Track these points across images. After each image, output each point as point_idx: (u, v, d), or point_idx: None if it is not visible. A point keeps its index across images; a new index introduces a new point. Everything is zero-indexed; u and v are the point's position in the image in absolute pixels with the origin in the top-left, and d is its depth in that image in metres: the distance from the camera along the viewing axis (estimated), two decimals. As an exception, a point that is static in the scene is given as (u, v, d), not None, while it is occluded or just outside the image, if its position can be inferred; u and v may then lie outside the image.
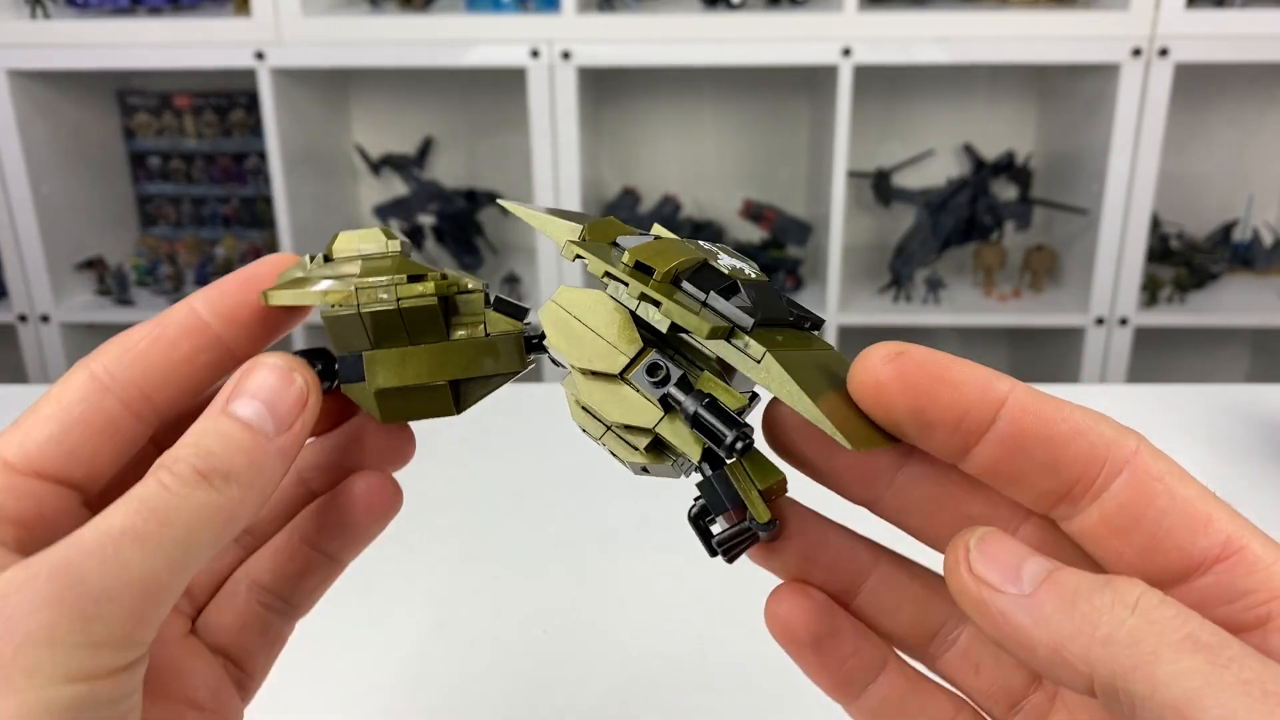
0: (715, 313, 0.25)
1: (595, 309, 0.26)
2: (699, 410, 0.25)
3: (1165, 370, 1.87)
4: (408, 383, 0.27)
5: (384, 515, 0.30)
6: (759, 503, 0.25)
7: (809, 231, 1.78)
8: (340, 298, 0.26)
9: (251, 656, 0.29)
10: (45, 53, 1.60)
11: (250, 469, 0.24)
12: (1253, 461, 0.69)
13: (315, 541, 0.29)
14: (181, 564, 0.22)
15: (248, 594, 0.29)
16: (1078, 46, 1.52)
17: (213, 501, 0.23)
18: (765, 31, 1.54)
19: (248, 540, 0.30)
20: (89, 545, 0.21)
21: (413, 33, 1.57)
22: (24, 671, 0.19)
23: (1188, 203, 1.83)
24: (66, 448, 0.24)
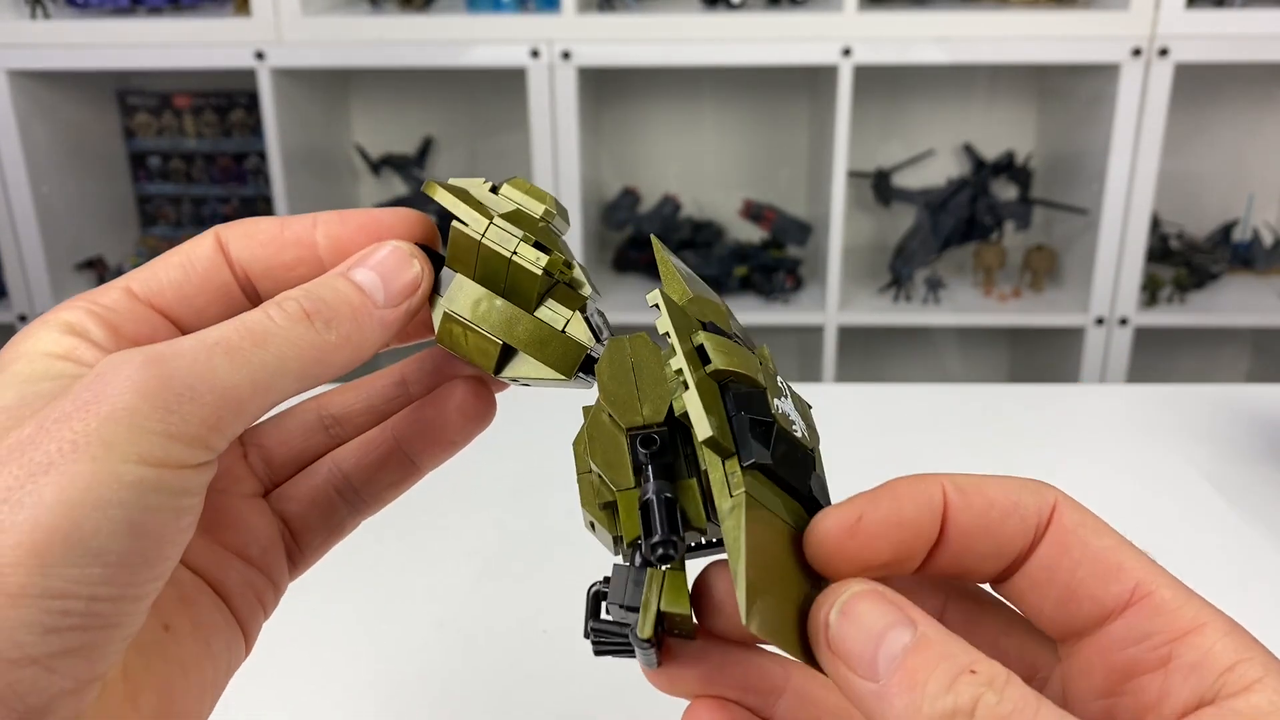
0: (732, 432, 0.24)
1: (652, 363, 0.27)
2: (652, 497, 0.25)
3: (1165, 370, 1.87)
4: (473, 322, 0.28)
5: (476, 422, 0.31)
6: (650, 619, 0.24)
7: (809, 231, 1.78)
8: (474, 220, 0.28)
9: (310, 534, 0.30)
10: (45, 53, 1.60)
11: (352, 323, 0.25)
12: (1253, 461, 0.69)
13: (405, 439, 0.30)
14: (265, 385, 0.23)
15: (327, 476, 0.30)
16: (1078, 46, 1.52)
17: (308, 338, 0.24)
18: (765, 31, 1.54)
19: (338, 431, 0.31)
20: (184, 347, 0.22)
21: (413, 33, 1.57)
22: (103, 443, 0.20)
23: (1188, 203, 1.83)
24: (184, 294, 0.26)
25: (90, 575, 0.20)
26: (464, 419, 0.30)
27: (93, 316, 0.25)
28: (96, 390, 0.21)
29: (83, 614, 0.20)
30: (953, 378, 1.95)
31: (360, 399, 0.31)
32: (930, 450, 0.71)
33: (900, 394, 0.81)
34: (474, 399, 0.30)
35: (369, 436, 0.31)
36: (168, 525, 0.21)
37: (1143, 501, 0.65)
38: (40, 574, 0.19)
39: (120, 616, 0.21)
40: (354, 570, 0.58)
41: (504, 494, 0.66)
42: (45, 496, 0.20)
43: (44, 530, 0.19)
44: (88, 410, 0.21)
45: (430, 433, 0.30)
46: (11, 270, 1.71)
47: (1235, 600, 0.57)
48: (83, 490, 0.20)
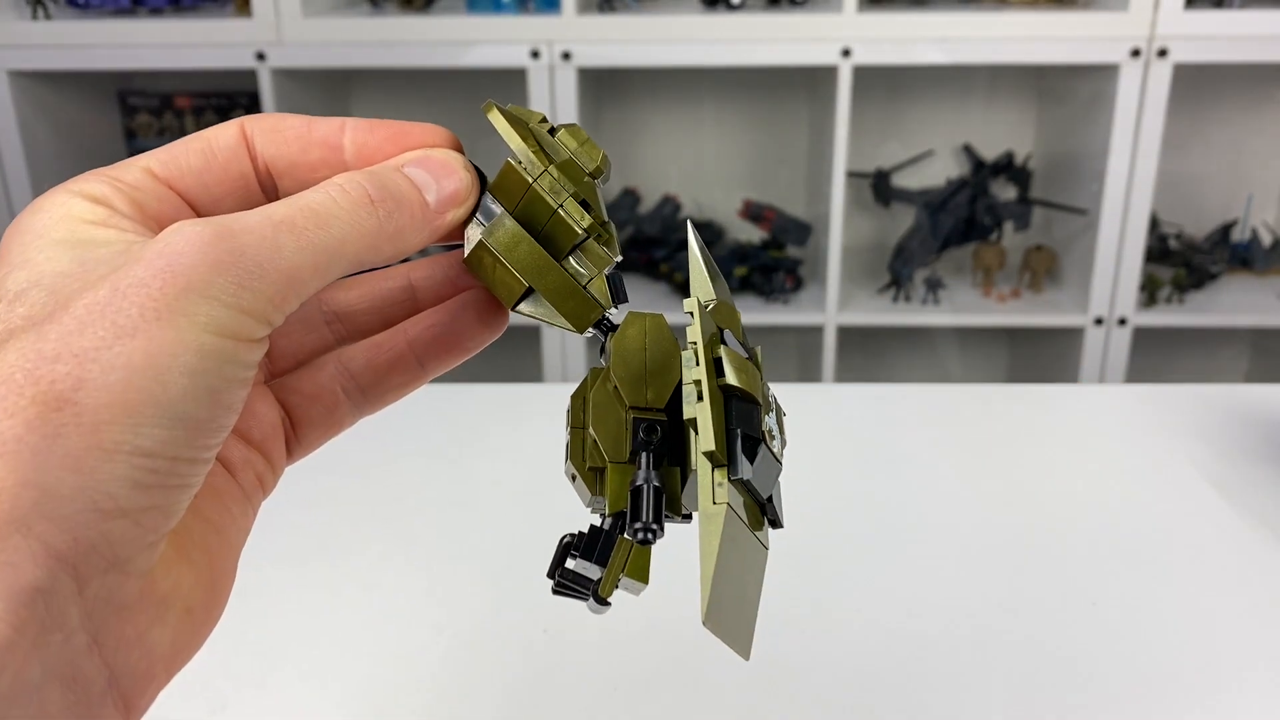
0: (728, 444, 0.26)
1: (664, 347, 0.29)
2: (645, 484, 0.27)
3: (1164, 370, 1.87)
4: (507, 260, 0.29)
5: (488, 333, 0.31)
6: (613, 583, 0.27)
7: (809, 231, 1.78)
8: (529, 161, 0.29)
9: (310, 426, 0.31)
10: (46, 53, 1.60)
11: (409, 217, 0.26)
12: (1253, 461, 0.69)
13: (419, 343, 0.31)
14: (324, 267, 0.24)
15: (333, 371, 0.31)
16: (1077, 47, 1.52)
17: (369, 223, 0.25)
18: (765, 32, 1.54)
19: (339, 328, 0.31)
20: (252, 223, 0.23)
21: (413, 33, 1.57)
22: (183, 313, 0.21)
23: (1186, 203, 1.83)
24: (204, 181, 0.27)
25: (174, 436, 0.21)
26: (482, 325, 0.31)
27: (116, 191, 0.25)
28: (171, 260, 0.22)
29: (166, 472, 0.21)
30: (952, 378, 1.95)
31: (365, 299, 0.31)
32: (930, 450, 0.71)
33: (900, 394, 0.81)
34: (491, 306, 0.31)
35: (380, 339, 0.31)
36: (235, 394, 0.23)
37: (1143, 501, 0.65)
38: (132, 432, 0.21)
39: (192, 477, 0.22)
40: (354, 571, 0.59)
41: (504, 495, 0.66)
42: (135, 359, 0.21)
43: (135, 391, 0.21)
44: (164, 280, 0.21)
45: (447, 339, 0.31)
46: (12, 271, 1.71)
47: (1235, 600, 0.58)
48: (170, 356, 0.21)
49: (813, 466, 0.68)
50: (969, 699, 0.49)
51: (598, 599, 0.28)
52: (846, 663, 0.51)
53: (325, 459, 0.35)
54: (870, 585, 0.57)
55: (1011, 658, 0.51)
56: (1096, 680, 0.50)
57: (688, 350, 0.27)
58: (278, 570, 0.58)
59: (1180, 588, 0.57)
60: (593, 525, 0.28)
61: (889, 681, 0.50)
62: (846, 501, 0.65)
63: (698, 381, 0.26)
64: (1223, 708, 0.48)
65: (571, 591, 0.28)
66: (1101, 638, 0.53)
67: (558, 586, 0.28)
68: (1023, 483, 0.67)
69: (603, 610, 0.28)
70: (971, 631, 0.53)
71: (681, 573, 0.58)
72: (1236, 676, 0.50)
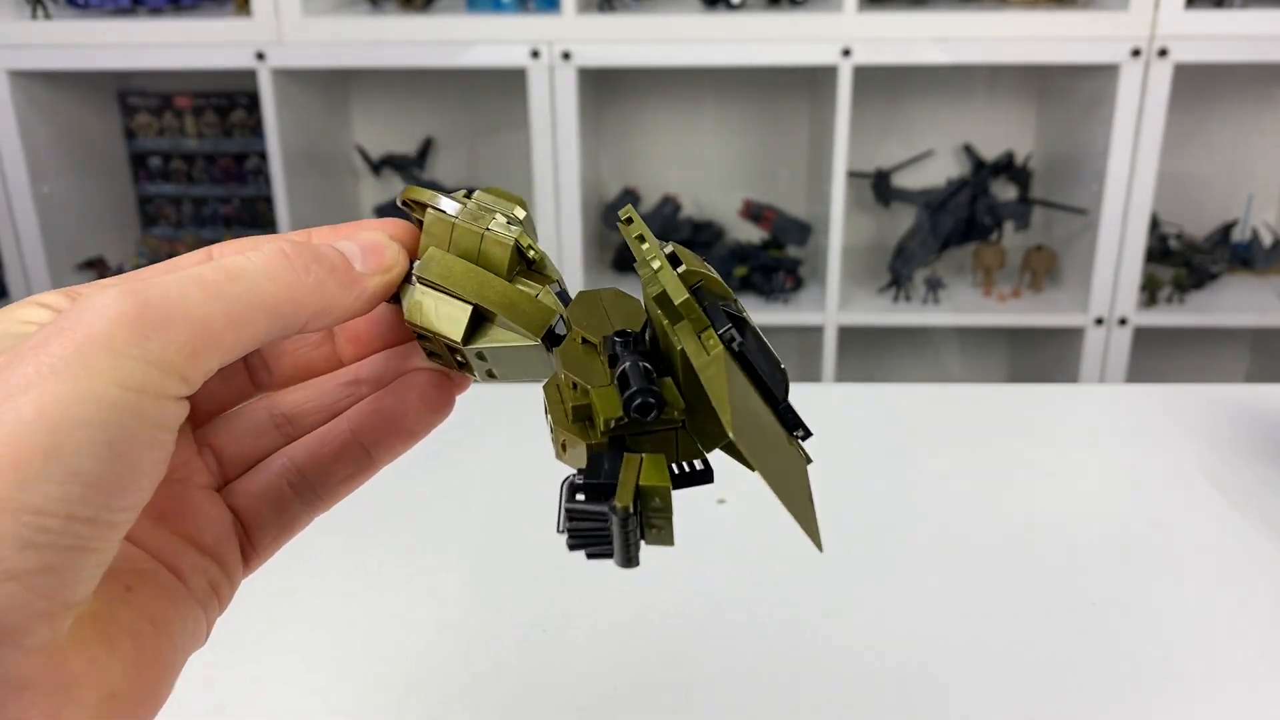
0: (707, 313, 0.26)
1: (626, 304, 0.29)
2: (627, 363, 0.26)
3: (1164, 370, 1.87)
4: (445, 285, 0.28)
5: (436, 411, 0.31)
6: (629, 488, 0.24)
7: (809, 231, 1.78)
8: (448, 203, 0.29)
9: (262, 529, 0.30)
10: (46, 53, 1.60)
11: (329, 272, 0.26)
12: (1253, 461, 0.69)
13: (363, 430, 0.31)
14: (238, 317, 0.23)
15: (281, 470, 0.30)
16: (1077, 47, 1.52)
17: (284, 275, 0.25)
18: (765, 32, 1.54)
19: (290, 430, 0.31)
20: (159, 279, 0.23)
21: (413, 33, 1.57)
22: (82, 365, 0.21)
23: (1187, 203, 1.83)
24: None
25: (68, 493, 0.20)
26: (425, 407, 0.30)
27: (69, 299, 0.25)
28: (74, 319, 0.21)
29: (59, 532, 0.20)
30: (953, 378, 1.95)
31: (313, 398, 0.31)
32: (930, 450, 0.71)
33: (900, 394, 0.81)
34: (435, 388, 0.30)
35: (325, 430, 0.31)
36: (143, 453, 0.22)
37: (1143, 501, 0.65)
38: (19, 488, 0.19)
39: (94, 540, 0.21)
40: (354, 572, 0.59)
41: (504, 495, 0.66)
42: (25, 413, 0.20)
43: (24, 445, 0.20)
44: (65, 336, 0.21)
45: (390, 423, 0.30)
46: (12, 270, 1.71)
47: (1236, 600, 0.58)
48: (62, 408, 0.20)
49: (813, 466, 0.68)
50: (969, 699, 0.49)
51: (617, 513, 0.25)
52: (846, 662, 0.51)
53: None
54: (870, 585, 0.57)
55: (1011, 657, 0.51)
56: (1097, 680, 0.50)
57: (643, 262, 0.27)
58: (278, 571, 0.58)
59: (1181, 588, 0.57)
60: (590, 456, 0.26)
61: (889, 681, 0.50)
62: (846, 501, 0.65)
63: (654, 258, 0.26)
64: (1223, 708, 0.48)
65: (589, 535, 0.25)
66: (1102, 638, 0.53)
67: (572, 535, 0.25)
68: (1023, 483, 0.67)
69: (636, 544, 0.26)
70: (971, 631, 0.53)
71: (682, 573, 0.58)
72: (1237, 676, 0.50)
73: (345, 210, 1.88)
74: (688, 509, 0.28)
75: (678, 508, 0.26)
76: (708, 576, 0.57)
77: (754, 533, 0.61)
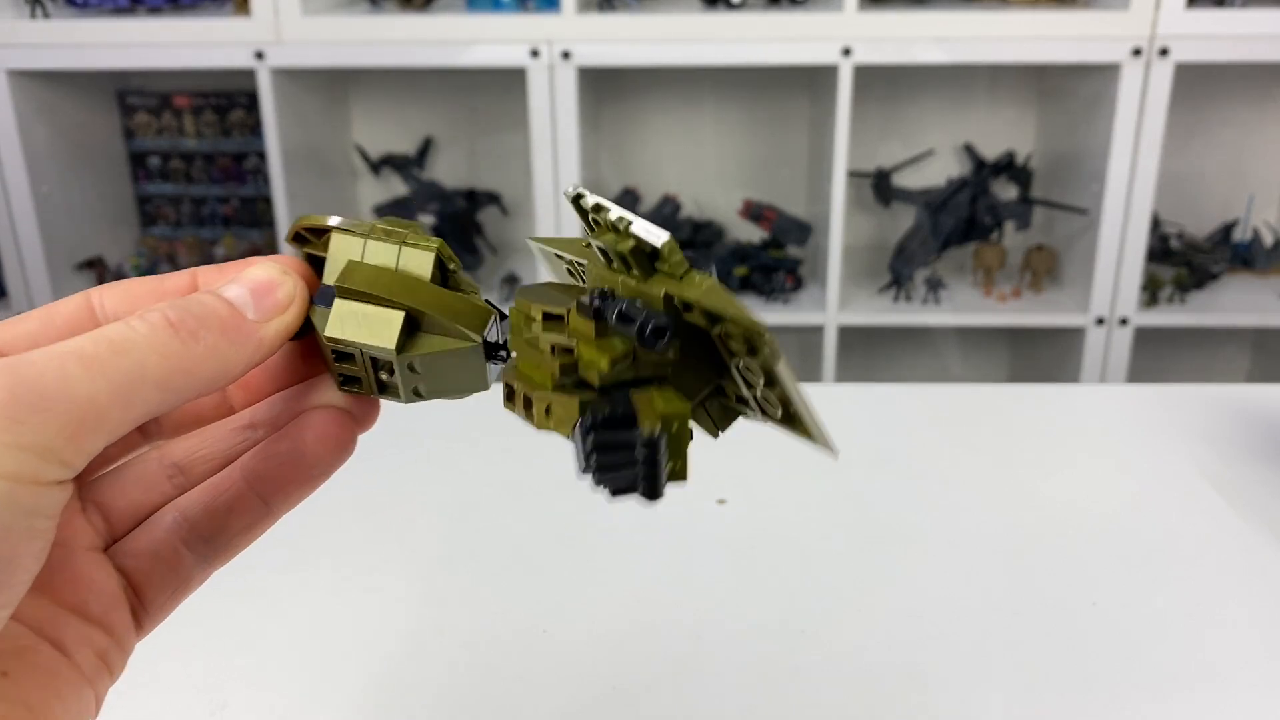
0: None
1: (566, 291, 0.28)
2: (624, 304, 0.25)
3: (1165, 370, 1.87)
4: (372, 291, 0.26)
5: (337, 453, 0.28)
6: (652, 415, 0.25)
7: (809, 231, 1.78)
8: (356, 223, 0.28)
9: (154, 588, 0.28)
10: (45, 53, 1.60)
11: (220, 335, 0.24)
12: (1253, 461, 0.69)
13: (258, 478, 0.28)
14: (125, 395, 0.22)
15: (172, 525, 0.28)
16: (1078, 46, 1.52)
17: (171, 346, 0.23)
18: (765, 31, 1.54)
19: (181, 481, 0.29)
20: (36, 357, 0.21)
21: (413, 33, 1.57)
22: None
23: (1188, 203, 1.83)
24: (38, 343, 0.24)
25: None
26: (325, 448, 0.28)
27: None
28: None
29: None
30: (953, 378, 1.95)
31: (205, 444, 0.29)
32: (930, 450, 0.71)
33: (900, 394, 0.81)
34: (335, 427, 0.28)
35: (216, 479, 0.29)
36: (19, 545, 0.20)
37: (1144, 501, 0.65)
38: None
39: None
40: (354, 572, 0.58)
41: (503, 495, 0.66)
42: None
43: None
44: None
45: (287, 468, 0.28)
46: (11, 270, 1.71)
47: (1235, 600, 0.58)
48: None
49: (813, 466, 0.68)
50: (969, 699, 0.49)
51: (652, 480, 0.25)
52: (846, 662, 0.51)
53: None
54: (870, 585, 0.57)
55: (1012, 658, 0.51)
56: (1097, 680, 0.50)
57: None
58: (277, 571, 0.58)
59: (1181, 588, 0.57)
60: (601, 395, 0.26)
61: (889, 681, 0.50)
62: (847, 501, 0.65)
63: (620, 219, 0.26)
64: (1223, 708, 0.48)
65: (613, 474, 0.25)
66: (1102, 638, 0.53)
67: (599, 471, 0.25)
68: (1023, 483, 0.67)
69: (657, 496, 0.25)
70: (972, 631, 0.53)
71: (681, 573, 0.58)
72: (1237, 676, 0.50)
73: (345, 210, 1.88)
74: (688, 509, 0.28)
75: (678, 508, 0.26)
76: (708, 576, 0.57)
77: (754, 533, 0.61)
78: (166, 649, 0.52)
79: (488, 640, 0.53)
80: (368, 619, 0.54)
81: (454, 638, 0.53)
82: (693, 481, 0.27)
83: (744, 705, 0.48)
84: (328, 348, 0.27)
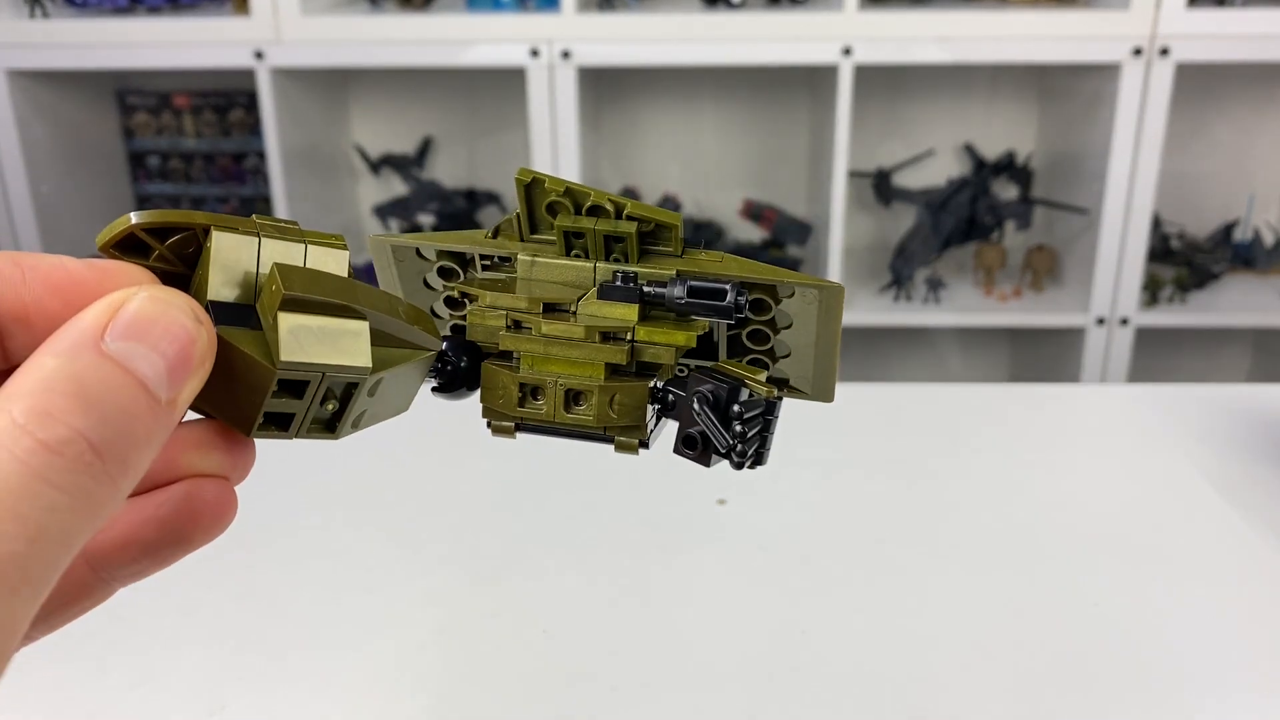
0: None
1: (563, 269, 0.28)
2: (691, 280, 0.26)
3: (1166, 370, 1.87)
4: (325, 296, 0.21)
5: (217, 533, 0.23)
6: (757, 377, 0.26)
7: (809, 231, 1.77)
8: (242, 224, 0.22)
9: None
10: (44, 52, 1.60)
11: (146, 443, 0.19)
12: (1253, 461, 0.69)
13: (100, 559, 0.22)
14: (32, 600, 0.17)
15: None
16: (1078, 46, 1.52)
17: (97, 494, 0.17)
18: (765, 31, 1.54)
19: None
20: None
21: (412, 32, 1.57)
22: None
23: (1188, 202, 1.83)
24: None
25: None
26: (215, 529, 0.23)
27: None
28: None
29: None
30: (953, 378, 1.95)
31: None
32: (931, 450, 0.71)
33: (900, 394, 0.80)
34: (229, 501, 0.23)
35: None
36: None
37: (1143, 501, 0.65)
38: None
39: None
40: (353, 572, 0.58)
41: (503, 495, 0.66)
42: None
43: None
44: None
45: (155, 550, 0.23)
46: (11, 270, 1.70)
47: (1235, 600, 0.57)
48: None
49: (814, 466, 0.68)
50: (970, 699, 0.49)
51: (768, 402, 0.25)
52: (846, 662, 0.51)
53: (324, 461, 0.35)
54: (870, 585, 0.57)
55: (1013, 658, 0.51)
56: (1098, 681, 0.50)
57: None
58: (277, 571, 0.58)
59: (1182, 588, 0.56)
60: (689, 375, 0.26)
61: (890, 682, 0.50)
62: (846, 501, 0.64)
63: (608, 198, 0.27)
64: (1224, 708, 0.48)
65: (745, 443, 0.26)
66: (1103, 638, 0.52)
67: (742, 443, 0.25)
68: (1024, 483, 0.67)
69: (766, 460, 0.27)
70: (973, 631, 0.53)
71: (682, 573, 0.57)
72: (1238, 676, 0.50)
73: (344, 210, 1.88)
74: (688, 509, 0.28)
75: (678, 508, 0.26)
76: (708, 576, 0.57)
77: (754, 533, 0.61)
78: (166, 649, 0.52)
79: (488, 640, 0.53)
80: (368, 619, 0.54)
81: (454, 638, 0.53)
82: (693, 481, 0.27)
83: (744, 705, 0.48)
84: (265, 381, 0.21)
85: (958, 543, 0.61)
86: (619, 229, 0.27)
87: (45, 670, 0.50)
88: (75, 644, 0.51)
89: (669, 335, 0.26)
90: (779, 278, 0.27)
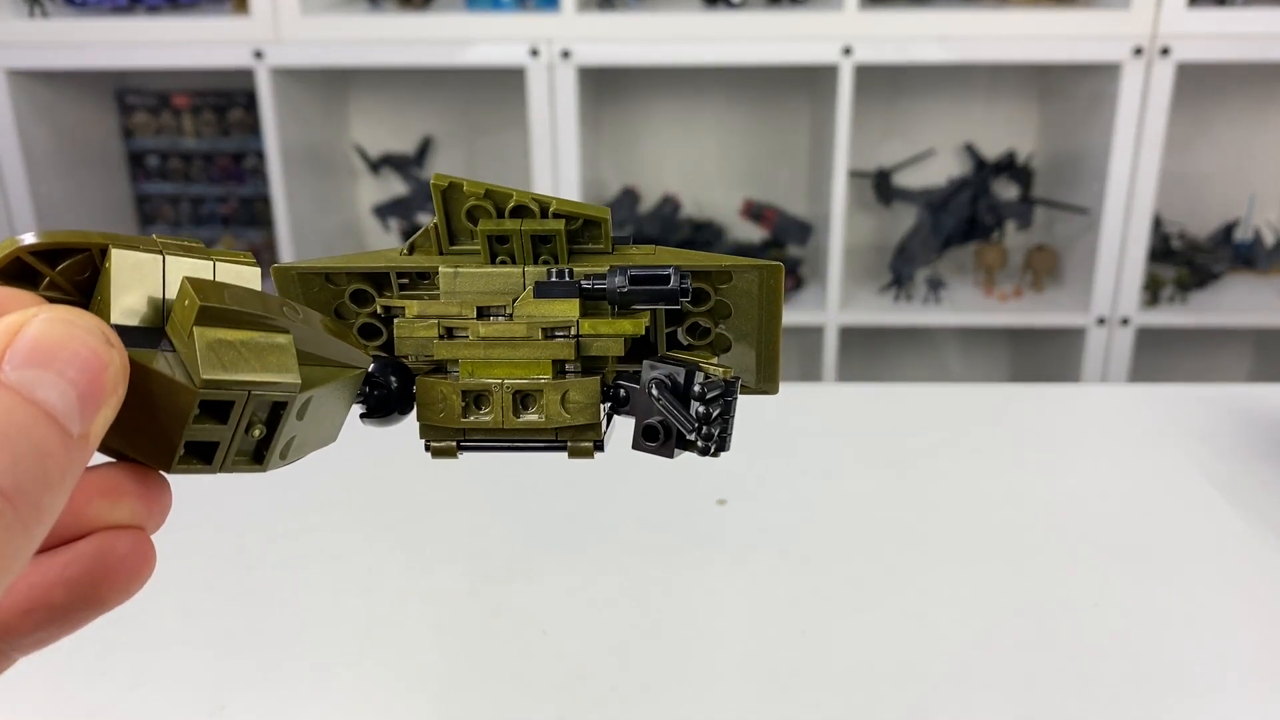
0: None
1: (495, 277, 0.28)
2: (632, 269, 0.25)
3: (1167, 370, 1.87)
4: (242, 307, 0.20)
5: (135, 590, 0.21)
6: (710, 359, 0.25)
7: (809, 231, 1.77)
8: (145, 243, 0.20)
9: None
10: (44, 52, 1.60)
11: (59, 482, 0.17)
12: (1253, 461, 0.68)
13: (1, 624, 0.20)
14: None
15: None
16: (1079, 46, 1.51)
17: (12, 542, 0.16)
18: (765, 31, 1.54)
19: None
20: None
21: (412, 32, 1.56)
22: None
23: (1189, 202, 1.83)
24: None
25: None
26: (133, 586, 0.21)
27: None
28: None
29: None
30: (953, 378, 1.94)
31: None
32: (932, 450, 0.71)
33: (901, 394, 0.80)
34: (146, 554, 0.21)
35: None
36: None
37: (1145, 501, 0.65)
38: None
39: None
40: (353, 573, 0.58)
41: (503, 496, 0.66)
42: None
43: None
44: None
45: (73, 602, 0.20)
46: (10, 270, 1.70)
47: (1235, 600, 0.57)
48: None
49: (814, 466, 0.68)
50: (971, 699, 0.48)
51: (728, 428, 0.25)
52: (846, 662, 0.51)
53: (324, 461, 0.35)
54: (871, 585, 0.57)
55: (1013, 658, 0.51)
56: (1098, 680, 0.50)
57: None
58: (277, 571, 0.58)
59: (1183, 588, 0.56)
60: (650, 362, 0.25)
61: (890, 682, 0.50)
62: (847, 501, 0.64)
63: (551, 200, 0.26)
64: (1224, 708, 0.48)
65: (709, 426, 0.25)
66: (1103, 638, 0.52)
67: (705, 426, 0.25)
68: (1025, 483, 0.67)
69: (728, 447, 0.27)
70: (973, 631, 0.53)
71: (682, 573, 0.57)
72: (1238, 676, 0.50)
73: (343, 210, 1.88)
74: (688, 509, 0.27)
75: (678, 508, 0.26)
76: (708, 576, 0.57)
77: (754, 533, 0.61)
78: (166, 649, 0.51)
79: (488, 640, 0.52)
80: (367, 619, 0.54)
81: (454, 638, 0.53)
82: (693, 482, 0.27)
83: (744, 705, 0.48)
84: (186, 404, 0.19)
85: (957, 542, 0.60)
86: (546, 227, 0.25)
87: (45, 670, 0.50)
88: (75, 644, 0.51)
89: (615, 325, 0.25)
90: (716, 263, 0.27)
